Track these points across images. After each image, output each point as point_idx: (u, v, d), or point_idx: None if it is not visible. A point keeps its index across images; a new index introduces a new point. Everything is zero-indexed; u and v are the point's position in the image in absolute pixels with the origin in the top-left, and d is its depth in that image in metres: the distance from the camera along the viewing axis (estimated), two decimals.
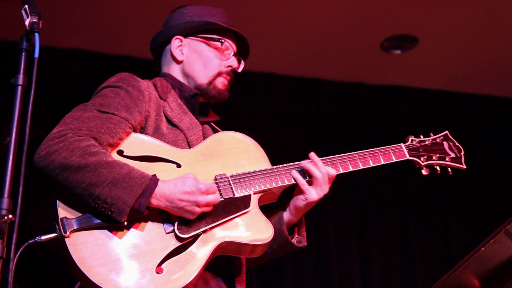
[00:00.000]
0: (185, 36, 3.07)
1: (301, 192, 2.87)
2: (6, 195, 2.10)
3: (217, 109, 3.21)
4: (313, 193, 2.85)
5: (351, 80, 6.93)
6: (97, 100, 2.75)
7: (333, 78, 6.87)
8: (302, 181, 2.85)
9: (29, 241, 2.49)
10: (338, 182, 3.00)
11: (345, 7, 5.91)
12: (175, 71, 3.07)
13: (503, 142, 7.33)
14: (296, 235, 2.98)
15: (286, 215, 2.94)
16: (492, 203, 7.10)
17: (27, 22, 2.31)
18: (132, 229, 2.56)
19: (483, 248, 2.75)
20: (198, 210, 2.57)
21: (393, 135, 3.22)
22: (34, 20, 2.30)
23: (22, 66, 2.28)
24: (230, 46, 3.08)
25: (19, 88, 2.25)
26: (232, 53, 3.08)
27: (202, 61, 3.04)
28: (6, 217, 2.05)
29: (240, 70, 3.15)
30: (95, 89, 2.88)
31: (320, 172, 2.85)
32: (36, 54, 2.26)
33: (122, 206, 2.47)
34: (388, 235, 6.76)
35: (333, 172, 2.89)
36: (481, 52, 6.61)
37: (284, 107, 6.73)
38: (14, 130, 2.19)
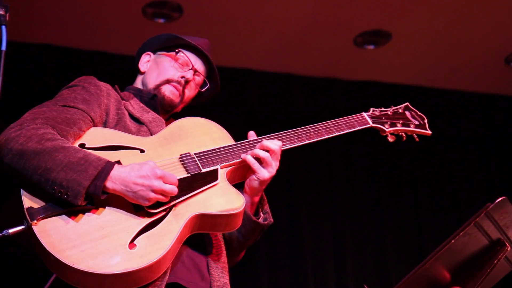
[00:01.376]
0: (154, 52, 3.22)
1: (253, 172, 2.84)
2: None
3: (188, 107, 3.25)
4: (264, 172, 2.83)
5: (325, 76, 6.94)
6: (55, 99, 2.80)
7: (306, 73, 6.88)
8: (252, 161, 2.82)
9: None
10: (312, 175, 3.01)
11: (318, 2, 5.92)
12: (137, 82, 3.21)
13: (475, 137, 7.39)
14: (261, 214, 2.97)
15: (246, 198, 2.90)
16: (465, 196, 7.16)
17: None
18: (101, 210, 2.54)
19: (453, 241, 2.76)
20: (152, 195, 2.53)
21: (367, 130, 3.24)
22: (1, 12, 2.28)
23: None
24: (189, 60, 3.15)
25: None
26: (190, 68, 3.14)
27: (158, 70, 3.14)
28: None
29: (203, 90, 3.22)
30: (66, 84, 2.90)
31: (263, 151, 2.82)
32: (3, 47, 2.25)
33: (77, 189, 2.44)
34: (362, 227, 6.80)
35: (273, 146, 2.83)
36: (455, 47, 6.65)
37: (256, 103, 6.72)
38: None
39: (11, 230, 2.47)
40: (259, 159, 2.82)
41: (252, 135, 2.97)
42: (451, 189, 7.19)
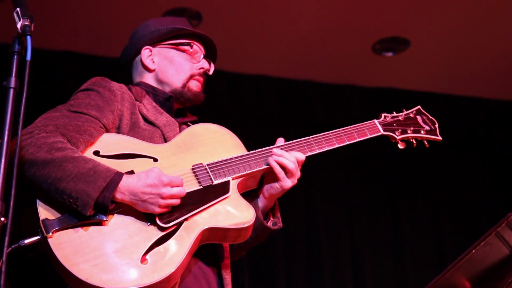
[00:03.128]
0: (154, 45, 3.13)
1: (276, 179, 2.85)
2: None
3: (204, 110, 3.24)
4: (288, 181, 2.84)
5: (343, 83, 6.94)
6: (68, 103, 2.80)
7: (324, 80, 6.87)
8: (279, 170, 2.83)
9: (13, 246, 2.49)
10: (330, 185, 3.00)
11: (337, 9, 5.92)
12: (148, 79, 3.12)
13: (494, 144, 7.35)
14: (272, 218, 2.98)
15: (261, 202, 2.93)
16: (482, 205, 7.11)
17: (19, 25, 2.30)
18: (114, 224, 2.56)
19: (474, 250, 2.75)
20: (162, 202, 2.55)
21: (384, 137, 3.23)
22: (26, 23, 2.29)
23: (14, 68, 2.27)
24: (199, 49, 3.14)
25: (11, 90, 2.24)
26: (202, 56, 3.14)
27: (175, 66, 3.09)
28: None
29: (211, 72, 3.20)
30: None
31: (292, 163, 2.83)
32: (28, 57, 2.26)
33: (86, 199, 2.47)
34: (380, 237, 6.77)
35: (301, 157, 2.87)
36: (473, 54, 6.63)
37: (274, 110, 6.73)
38: (6, 133, 2.18)
39: (26, 241, 2.49)
40: (284, 168, 2.83)
41: (281, 141, 2.96)
42: (470, 198, 7.15)
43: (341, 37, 6.27)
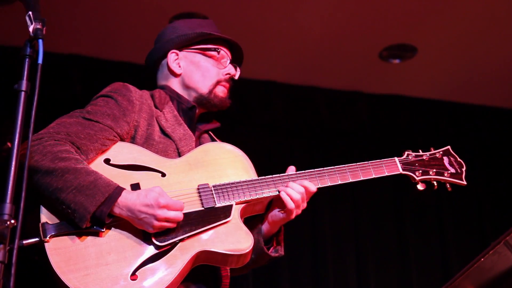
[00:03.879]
0: (180, 49, 3.10)
1: (282, 208, 2.85)
2: (8, 200, 2.09)
3: (215, 116, 3.21)
4: (293, 213, 2.85)
5: (350, 89, 6.94)
6: (86, 108, 2.81)
7: (331, 86, 6.88)
8: (287, 200, 2.81)
9: (11, 245, 2.50)
10: (336, 193, 2.99)
11: (344, 16, 5.92)
12: (174, 84, 3.09)
13: (501, 153, 7.34)
14: (274, 245, 2.97)
15: (265, 226, 2.93)
16: (489, 214, 7.10)
17: (31, 29, 2.30)
18: (110, 236, 2.58)
19: (482, 259, 2.75)
20: (156, 223, 2.55)
21: (391, 144, 3.22)
22: (38, 26, 2.30)
23: (26, 72, 2.27)
24: (226, 54, 3.11)
25: (22, 94, 2.24)
26: (229, 61, 3.11)
27: (201, 71, 3.06)
28: (8, 222, 2.05)
29: (237, 77, 3.17)
30: (94, 94, 2.92)
31: (300, 195, 2.82)
32: (40, 61, 2.26)
33: (83, 213, 2.49)
34: (385, 245, 6.76)
35: (312, 189, 2.85)
36: (480, 62, 6.62)
37: (281, 115, 6.73)
38: (17, 136, 2.18)
39: (25, 242, 2.51)
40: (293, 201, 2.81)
41: (291, 170, 2.94)
42: (475, 206, 7.13)
43: (349, 44, 6.28)
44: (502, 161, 7.32)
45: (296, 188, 2.82)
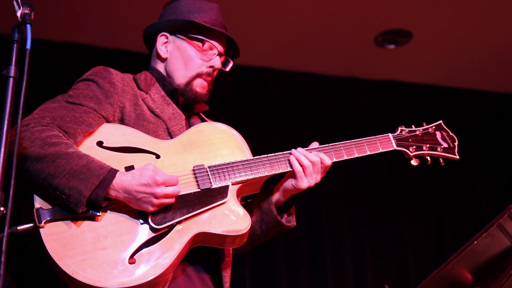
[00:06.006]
0: (171, 33, 3.05)
1: (293, 177, 2.86)
2: None
3: (209, 101, 3.16)
4: (305, 182, 2.84)
5: (345, 75, 6.92)
6: (68, 93, 2.78)
7: (326, 72, 6.86)
8: (299, 169, 2.83)
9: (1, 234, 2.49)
10: (332, 178, 2.99)
11: (339, 2, 5.89)
12: (160, 67, 3.06)
13: (496, 137, 7.34)
14: (285, 215, 2.97)
15: (275, 196, 2.93)
16: (484, 197, 7.11)
17: (18, 13, 2.29)
18: (107, 220, 2.56)
19: (475, 242, 2.75)
20: (156, 201, 2.55)
21: (387, 130, 3.20)
22: (26, 11, 2.28)
23: (14, 57, 2.26)
24: (214, 46, 3.03)
25: (11, 80, 2.23)
26: (216, 54, 3.03)
27: (184, 60, 3.01)
28: None
29: (227, 69, 3.12)
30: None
31: (309, 161, 2.84)
32: (28, 46, 2.25)
33: (78, 197, 2.47)
34: (381, 229, 6.77)
35: (328, 161, 2.88)
36: (475, 47, 6.60)
37: (277, 102, 6.70)
38: (6, 122, 2.18)
39: (19, 227, 2.50)
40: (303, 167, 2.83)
41: (314, 145, 2.96)
42: (471, 190, 7.14)
43: (344, 30, 6.25)
44: (498, 146, 7.32)
45: (307, 155, 2.84)
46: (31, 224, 2.50)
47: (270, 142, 6.23)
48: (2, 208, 2.05)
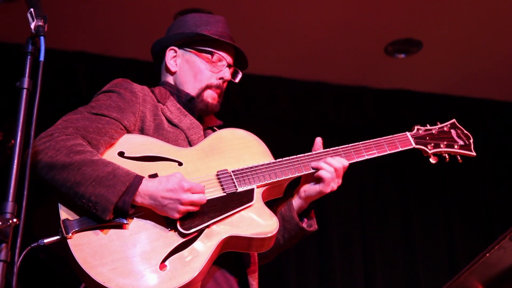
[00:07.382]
0: (180, 47, 3.07)
1: (315, 182, 2.87)
2: (10, 198, 2.09)
3: (219, 111, 3.17)
4: (330, 186, 2.87)
5: (355, 84, 6.92)
6: (89, 104, 2.78)
7: (336, 81, 6.86)
8: (326, 174, 2.85)
9: (32, 245, 2.49)
10: (341, 185, 2.99)
11: (349, 11, 5.90)
12: (170, 80, 3.07)
13: (507, 147, 7.31)
14: (306, 220, 2.98)
15: (296, 202, 2.93)
16: (495, 209, 7.07)
17: (32, 26, 2.30)
18: (134, 228, 2.55)
19: (488, 254, 2.73)
20: (181, 208, 2.54)
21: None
22: (40, 23, 2.29)
23: (28, 69, 2.27)
24: (222, 57, 3.04)
25: (24, 91, 2.24)
26: (225, 65, 3.04)
27: (193, 72, 3.02)
28: (10, 221, 2.04)
29: (237, 80, 3.13)
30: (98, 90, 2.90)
31: (336, 165, 2.87)
32: (42, 58, 2.26)
33: (105, 204, 2.46)
34: (392, 240, 6.74)
35: (346, 163, 2.91)
36: (486, 56, 6.60)
37: (287, 111, 6.71)
38: (19, 133, 2.18)
39: (46, 240, 2.49)
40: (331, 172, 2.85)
41: (318, 140, 3.02)
42: (482, 201, 7.11)
43: (354, 39, 6.26)
44: (509, 156, 7.28)
45: (333, 160, 2.87)
46: (57, 237, 2.49)
47: (280, 151, 6.21)
48: (15, 220, 2.05)
